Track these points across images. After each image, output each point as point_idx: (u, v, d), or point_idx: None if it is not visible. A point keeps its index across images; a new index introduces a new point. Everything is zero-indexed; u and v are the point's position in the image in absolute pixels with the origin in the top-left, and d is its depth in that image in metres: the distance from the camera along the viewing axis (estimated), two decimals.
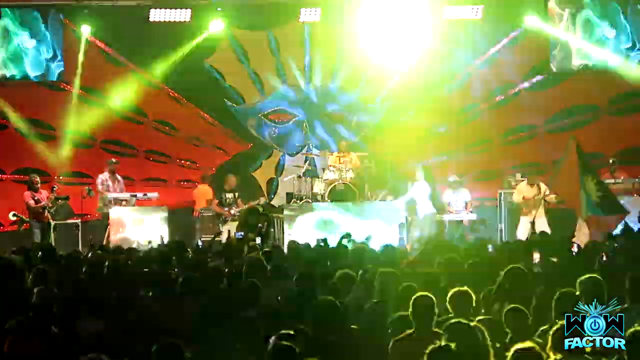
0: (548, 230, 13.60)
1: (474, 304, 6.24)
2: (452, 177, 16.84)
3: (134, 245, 13.61)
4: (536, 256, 9.56)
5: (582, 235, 12.40)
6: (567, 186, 11.31)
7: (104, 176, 15.84)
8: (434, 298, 5.93)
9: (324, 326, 5.95)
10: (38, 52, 17.11)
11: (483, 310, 6.65)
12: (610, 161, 16.40)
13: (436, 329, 5.69)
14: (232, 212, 16.00)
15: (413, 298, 5.91)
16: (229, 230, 15.17)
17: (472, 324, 5.52)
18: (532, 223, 12.18)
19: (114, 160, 16.13)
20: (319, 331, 5.89)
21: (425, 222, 15.86)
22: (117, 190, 15.80)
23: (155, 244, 12.86)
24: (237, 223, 15.72)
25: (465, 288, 6.23)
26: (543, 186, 15.64)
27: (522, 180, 16.03)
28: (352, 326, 6.23)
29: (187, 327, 6.47)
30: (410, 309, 5.86)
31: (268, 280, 8.10)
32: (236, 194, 16.26)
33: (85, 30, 17.33)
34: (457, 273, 7.65)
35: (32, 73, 17.16)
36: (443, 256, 8.21)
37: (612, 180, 15.45)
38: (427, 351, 4.80)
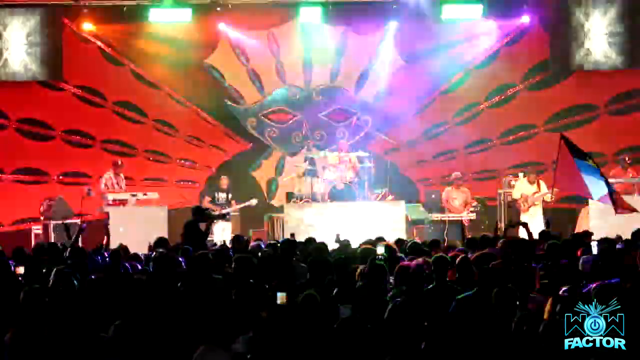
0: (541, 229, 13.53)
1: None
2: (455, 173, 16.83)
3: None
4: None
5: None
6: (569, 177, 11.17)
7: (107, 175, 15.85)
8: None
9: None
10: (37, 52, 17.10)
11: None
12: (626, 158, 16.24)
13: None
14: (223, 211, 15.92)
15: None
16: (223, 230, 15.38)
17: None
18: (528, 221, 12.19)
19: (119, 162, 16.04)
20: None
21: None
22: (121, 188, 15.83)
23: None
24: (229, 223, 15.85)
25: None
26: (543, 185, 15.66)
27: (524, 178, 16.16)
28: None
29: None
30: None
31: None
32: (229, 195, 16.26)
33: (85, 30, 17.34)
34: None
35: (31, 73, 17.15)
36: None
37: (622, 180, 15.30)
38: None
